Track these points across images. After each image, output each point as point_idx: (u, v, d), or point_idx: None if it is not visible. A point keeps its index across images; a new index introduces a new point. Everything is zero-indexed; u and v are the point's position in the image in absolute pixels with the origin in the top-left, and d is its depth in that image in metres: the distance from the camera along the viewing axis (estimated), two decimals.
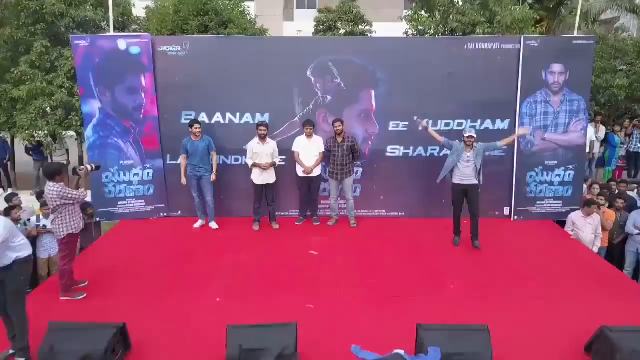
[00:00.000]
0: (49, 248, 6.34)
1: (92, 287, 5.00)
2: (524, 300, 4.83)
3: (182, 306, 4.65)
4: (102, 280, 5.15)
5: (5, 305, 3.66)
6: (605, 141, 9.73)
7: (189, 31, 10.11)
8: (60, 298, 4.74)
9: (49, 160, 10.50)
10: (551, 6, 16.76)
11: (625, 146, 9.68)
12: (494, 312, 4.45)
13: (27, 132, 9.33)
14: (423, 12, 11.13)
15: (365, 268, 5.57)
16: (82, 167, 4.88)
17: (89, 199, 6.65)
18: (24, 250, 3.71)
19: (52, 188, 4.51)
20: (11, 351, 3.76)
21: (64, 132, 10.03)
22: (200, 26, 10.15)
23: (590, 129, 9.35)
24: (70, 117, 9.57)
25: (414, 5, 11.78)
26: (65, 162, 10.74)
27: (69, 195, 4.56)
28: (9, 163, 11.01)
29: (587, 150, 9.33)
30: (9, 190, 9.78)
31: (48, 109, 9.53)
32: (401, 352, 3.66)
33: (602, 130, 9.67)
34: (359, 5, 12.37)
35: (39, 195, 7.38)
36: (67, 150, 10.65)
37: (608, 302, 4.74)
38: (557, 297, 4.88)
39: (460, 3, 10.66)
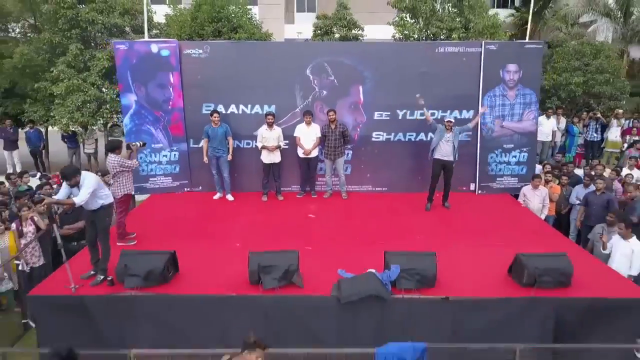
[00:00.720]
0: None
1: (138, 238, 6.43)
2: (471, 245, 6.28)
3: (210, 249, 6.10)
4: (144, 235, 6.54)
5: (95, 238, 5.12)
6: (566, 131, 11.16)
7: (204, 36, 11.51)
8: (117, 244, 6.13)
9: (81, 148, 11.97)
10: (535, 10, 18.22)
11: (583, 135, 11.12)
12: (445, 251, 5.74)
13: (64, 123, 10.72)
14: (408, 18, 12.54)
15: (352, 226, 7.03)
16: (134, 143, 6.34)
17: None
18: (108, 199, 5.15)
19: (113, 158, 5.96)
20: (92, 272, 5.20)
21: (95, 125, 11.42)
22: (215, 31, 11.56)
23: (553, 121, 10.82)
24: (101, 110, 10.98)
25: (402, 12, 13.16)
26: (93, 151, 12.23)
27: (126, 164, 6.03)
28: (43, 151, 12.43)
29: (550, 139, 10.81)
30: None
31: (80, 103, 10.91)
32: (373, 270, 5.14)
33: (563, 121, 11.09)
34: (352, 12, 13.70)
35: None
36: (96, 140, 12.08)
37: (537, 247, 6.10)
38: (499, 244, 6.29)
39: (441, 11, 12.08)
